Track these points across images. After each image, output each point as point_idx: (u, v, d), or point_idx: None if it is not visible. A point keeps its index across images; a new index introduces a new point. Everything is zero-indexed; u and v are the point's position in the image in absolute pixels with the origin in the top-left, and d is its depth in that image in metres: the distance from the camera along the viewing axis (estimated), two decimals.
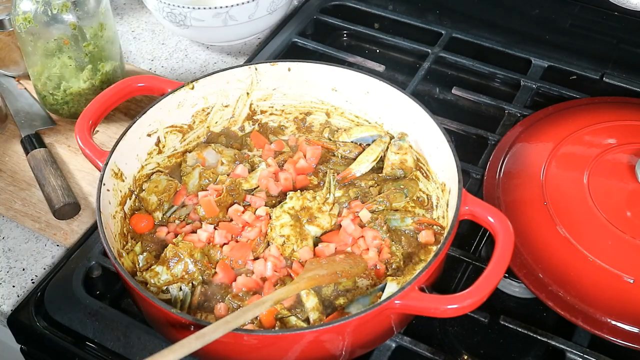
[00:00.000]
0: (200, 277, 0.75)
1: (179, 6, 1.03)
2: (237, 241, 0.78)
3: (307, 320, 0.72)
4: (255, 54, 1.10)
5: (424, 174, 0.83)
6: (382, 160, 0.86)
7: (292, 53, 1.10)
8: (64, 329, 0.79)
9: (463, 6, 1.13)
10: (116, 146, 0.78)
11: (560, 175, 0.84)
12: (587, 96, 0.99)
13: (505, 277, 0.78)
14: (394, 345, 0.74)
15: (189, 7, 1.03)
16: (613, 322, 0.72)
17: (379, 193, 0.82)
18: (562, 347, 0.74)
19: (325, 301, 0.73)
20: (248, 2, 1.02)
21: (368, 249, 0.77)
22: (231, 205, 0.82)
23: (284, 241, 0.77)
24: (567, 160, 0.85)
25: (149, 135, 0.84)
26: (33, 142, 0.96)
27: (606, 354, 0.73)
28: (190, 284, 0.75)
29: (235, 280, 0.75)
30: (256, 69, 0.88)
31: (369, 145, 0.87)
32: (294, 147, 0.89)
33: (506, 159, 0.88)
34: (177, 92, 0.84)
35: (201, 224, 0.80)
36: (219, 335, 0.62)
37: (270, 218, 0.79)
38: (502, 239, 0.68)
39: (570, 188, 0.82)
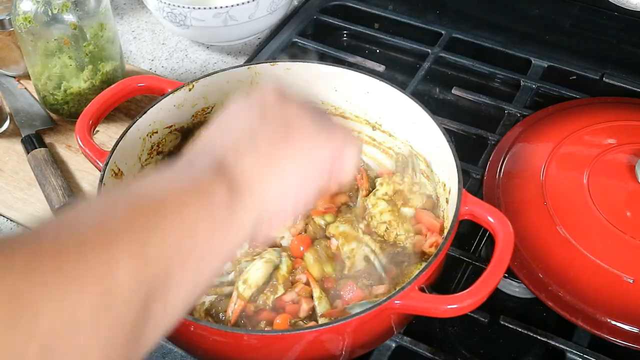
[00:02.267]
0: None
1: (179, 6, 1.03)
2: None
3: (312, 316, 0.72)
4: (255, 54, 1.10)
5: (424, 175, 0.83)
6: None
7: (292, 53, 1.10)
8: None
9: (463, 6, 1.13)
10: (116, 146, 0.78)
11: (560, 175, 0.84)
12: (587, 96, 0.99)
13: (505, 277, 0.78)
14: (394, 345, 0.74)
15: (189, 7, 1.03)
16: (613, 322, 0.72)
17: None
18: (562, 347, 0.74)
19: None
20: (248, 2, 1.02)
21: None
22: None
23: (387, 227, 0.78)
24: (567, 160, 0.85)
25: (149, 135, 0.84)
26: (33, 142, 0.96)
27: (606, 354, 0.73)
28: None
29: None
30: (256, 69, 0.88)
31: None
32: None
33: (506, 159, 0.88)
34: (177, 92, 0.84)
35: None
36: None
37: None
38: (502, 239, 0.68)
39: (570, 188, 0.82)
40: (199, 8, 1.03)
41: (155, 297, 0.40)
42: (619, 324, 0.72)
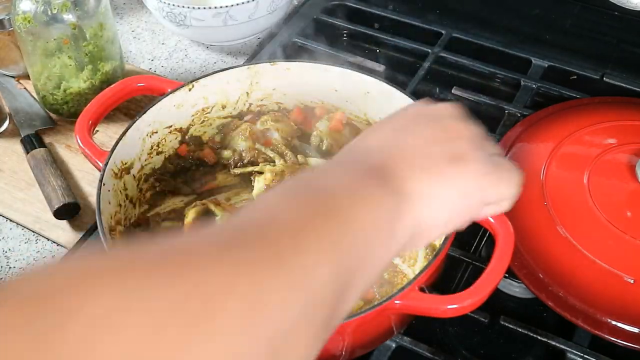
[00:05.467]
0: None
1: (178, 6, 1.03)
2: None
3: None
4: (255, 54, 1.10)
5: None
6: None
7: (292, 53, 1.10)
8: None
9: (463, 6, 1.13)
10: (116, 146, 0.78)
11: (561, 175, 0.84)
12: (587, 96, 0.99)
13: (505, 277, 0.78)
14: (394, 345, 0.74)
15: (188, 7, 1.03)
16: (613, 322, 0.72)
17: None
18: (562, 347, 0.73)
19: None
20: (248, 1, 1.02)
21: None
22: None
23: None
24: (567, 160, 0.85)
25: (149, 135, 0.84)
26: (33, 141, 0.96)
27: (606, 354, 0.73)
28: None
29: None
30: (256, 69, 0.87)
31: None
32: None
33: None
34: (177, 92, 0.84)
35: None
36: None
37: None
38: (502, 239, 0.68)
39: (570, 188, 0.82)
40: (199, 8, 1.03)
41: (341, 298, 0.41)
42: (619, 324, 0.72)
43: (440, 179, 0.51)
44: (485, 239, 0.84)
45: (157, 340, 0.31)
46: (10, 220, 0.91)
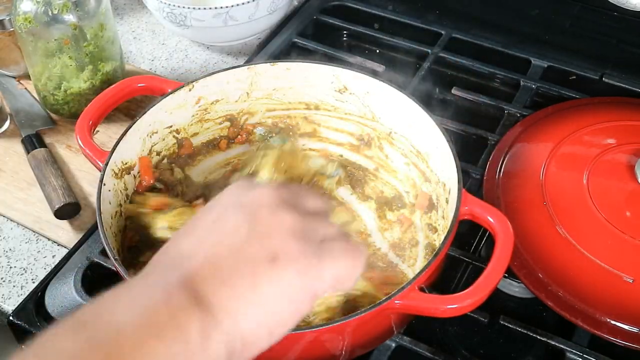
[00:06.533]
0: None
1: (179, 6, 1.03)
2: None
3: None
4: (255, 54, 1.10)
5: (424, 175, 0.83)
6: None
7: (292, 53, 1.10)
8: None
9: (463, 6, 1.13)
10: (116, 146, 0.78)
11: (560, 175, 0.84)
12: (587, 96, 0.99)
13: (505, 277, 0.78)
14: (394, 345, 0.75)
15: (189, 7, 1.03)
16: (612, 322, 0.72)
17: None
18: (562, 347, 0.74)
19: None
20: (248, 2, 1.03)
21: None
22: None
23: None
24: (567, 160, 0.85)
25: (149, 135, 0.84)
26: (33, 142, 0.96)
27: (606, 353, 0.73)
28: None
29: None
30: (256, 69, 0.88)
31: None
32: None
33: (506, 159, 0.88)
34: (177, 93, 0.84)
35: None
36: None
37: None
38: (502, 239, 0.68)
39: (570, 188, 0.82)
40: (199, 8, 1.03)
41: None
42: (618, 324, 0.72)
43: (253, 287, 0.46)
44: (485, 239, 0.84)
45: None
46: (11, 220, 0.91)
